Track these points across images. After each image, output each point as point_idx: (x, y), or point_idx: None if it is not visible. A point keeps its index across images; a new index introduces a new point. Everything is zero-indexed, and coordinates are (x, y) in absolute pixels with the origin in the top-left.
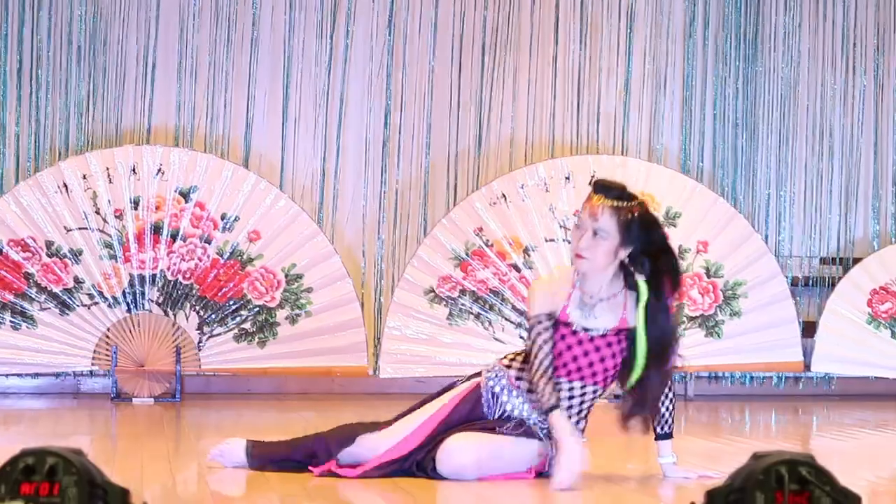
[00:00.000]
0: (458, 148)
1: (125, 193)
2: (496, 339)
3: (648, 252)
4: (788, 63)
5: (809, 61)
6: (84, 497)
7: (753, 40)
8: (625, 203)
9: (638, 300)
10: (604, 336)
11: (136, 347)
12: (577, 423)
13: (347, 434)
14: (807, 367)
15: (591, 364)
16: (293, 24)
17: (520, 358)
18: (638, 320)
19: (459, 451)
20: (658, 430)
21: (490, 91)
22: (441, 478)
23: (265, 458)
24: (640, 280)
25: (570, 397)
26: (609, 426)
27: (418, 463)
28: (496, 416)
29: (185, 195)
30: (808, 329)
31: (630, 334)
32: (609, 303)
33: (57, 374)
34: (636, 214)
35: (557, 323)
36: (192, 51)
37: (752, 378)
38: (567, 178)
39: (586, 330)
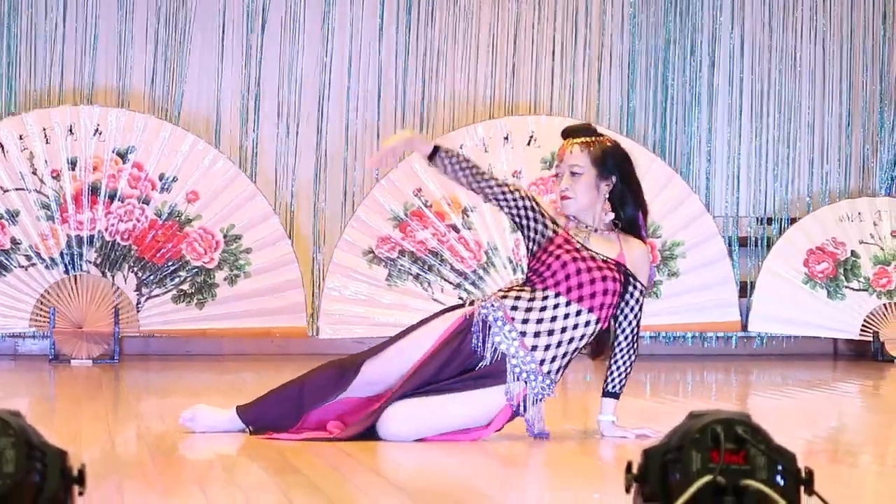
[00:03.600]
0: (402, 107)
1: (62, 154)
2: (435, 300)
3: (629, 184)
4: (729, 23)
5: (750, 21)
6: (22, 459)
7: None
8: (592, 138)
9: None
10: (605, 262)
11: (74, 309)
12: (564, 355)
13: (340, 371)
14: (744, 326)
15: (592, 282)
16: None
17: (516, 289)
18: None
19: (398, 421)
20: (607, 386)
21: (430, 51)
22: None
23: (259, 420)
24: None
25: (566, 316)
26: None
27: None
28: (483, 351)
29: (122, 156)
30: (746, 289)
31: (626, 271)
32: (603, 235)
33: None
34: (608, 145)
35: (558, 237)
36: (131, 12)
37: (689, 338)
38: (506, 139)
39: (587, 249)
